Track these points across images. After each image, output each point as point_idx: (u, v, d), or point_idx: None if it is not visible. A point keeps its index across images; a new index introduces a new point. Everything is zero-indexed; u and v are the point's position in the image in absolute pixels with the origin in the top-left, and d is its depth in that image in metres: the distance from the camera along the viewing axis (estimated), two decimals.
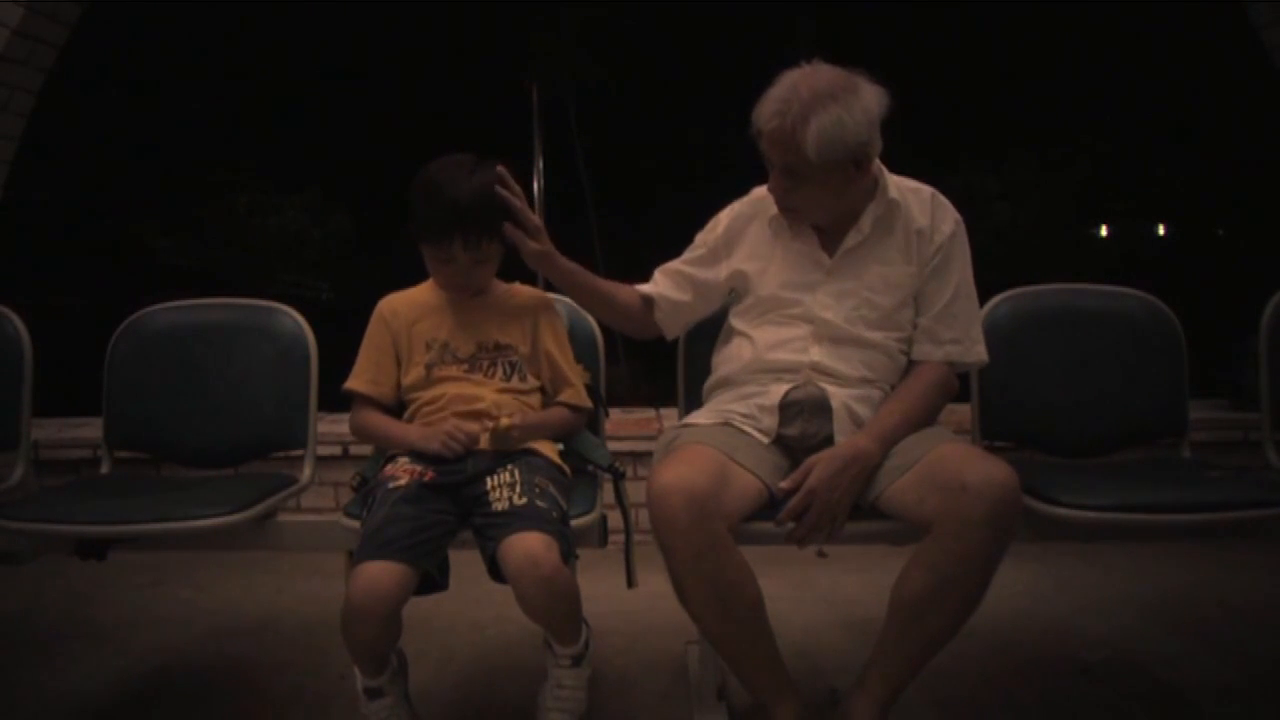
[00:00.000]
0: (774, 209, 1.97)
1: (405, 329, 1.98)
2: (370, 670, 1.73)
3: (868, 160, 1.85)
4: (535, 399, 2.00)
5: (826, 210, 1.91)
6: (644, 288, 2.07)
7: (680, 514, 1.64)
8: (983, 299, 2.25)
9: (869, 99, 1.80)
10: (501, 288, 2.03)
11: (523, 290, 2.05)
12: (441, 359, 1.95)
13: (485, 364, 1.95)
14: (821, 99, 1.77)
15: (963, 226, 1.98)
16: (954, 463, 1.70)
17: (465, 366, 1.95)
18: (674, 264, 2.08)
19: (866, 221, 1.93)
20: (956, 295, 1.95)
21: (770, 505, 1.80)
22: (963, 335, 1.95)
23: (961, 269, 1.96)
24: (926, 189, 1.99)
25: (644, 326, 2.08)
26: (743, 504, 1.75)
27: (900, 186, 1.96)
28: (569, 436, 2.03)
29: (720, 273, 2.03)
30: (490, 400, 1.92)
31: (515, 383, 1.96)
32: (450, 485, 1.80)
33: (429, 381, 1.95)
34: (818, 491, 1.75)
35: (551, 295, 2.11)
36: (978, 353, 1.98)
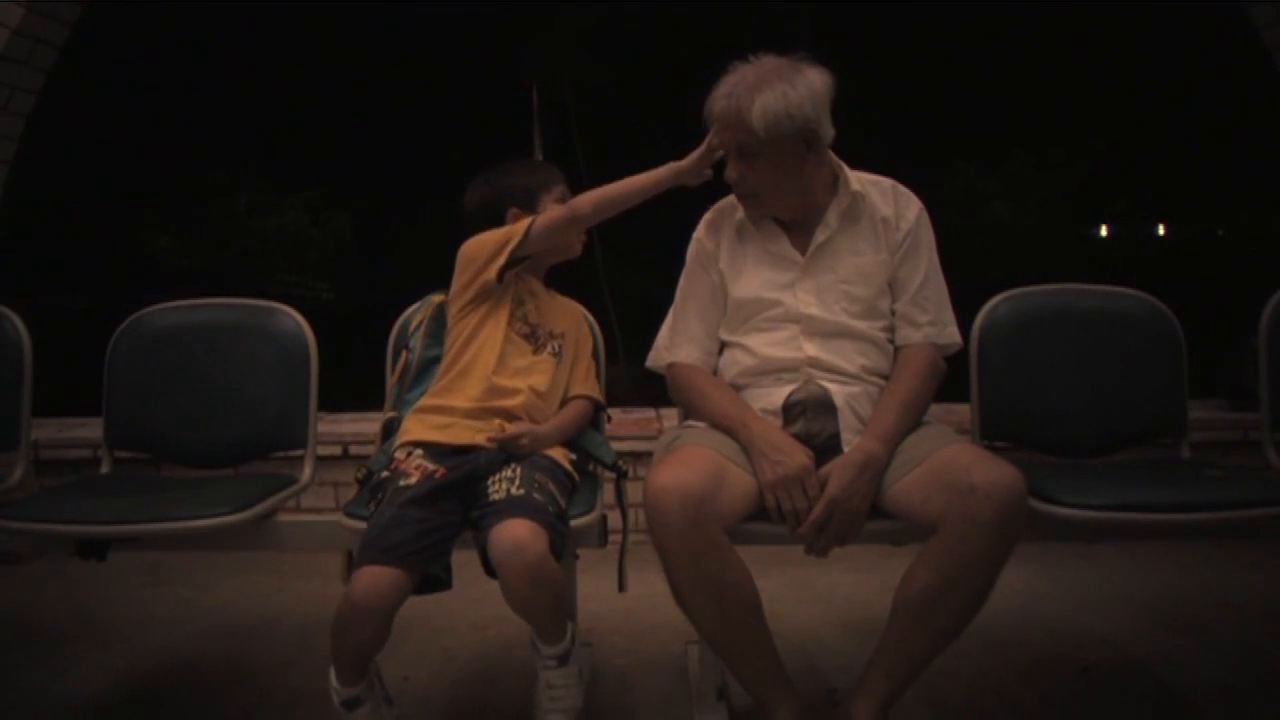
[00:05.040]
0: (738, 214, 1.99)
1: (518, 279, 2.03)
2: (351, 677, 1.71)
3: (818, 141, 1.88)
4: (558, 396, 2.03)
5: (784, 194, 1.93)
6: (693, 360, 2.02)
7: (675, 516, 1.64)
8: (982, 299, 2.27)
9: (812, 77, 1.86)
10: (552, 292, 2.16)
11: (562, 297, 2.18)
12: (534, 336, 2.02)
13: (550, 347, 2.04)
14: (766, 79, 1.84)
15: (925, 214, 2.01)
16: (961, 464, 1.70)
17: (533, 346, 2.02)
18: (694, 325, 2.03)
19: (833, 215, 1.95)
20: (927, 279, 1.98)
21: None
22: (937, 317, 1.98)
23: (929, 254, 2.00)
24: (886, 180, 2.02)
25: None
26: (741, 505, 1.75)
27: (860, 179, 1.99)
28: (581, 430, 2.05)
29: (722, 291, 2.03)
30: (522, 400, 1.94)
31: (558, 364, 2.03)
32: (460, 481, 1.81)
33: (497, 336, 1.97)
34: (839, 500, 1.75)
35: None
36: (950, 334, 2.00)
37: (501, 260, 1.95)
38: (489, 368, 1.94)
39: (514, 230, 1.96)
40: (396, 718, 1.85)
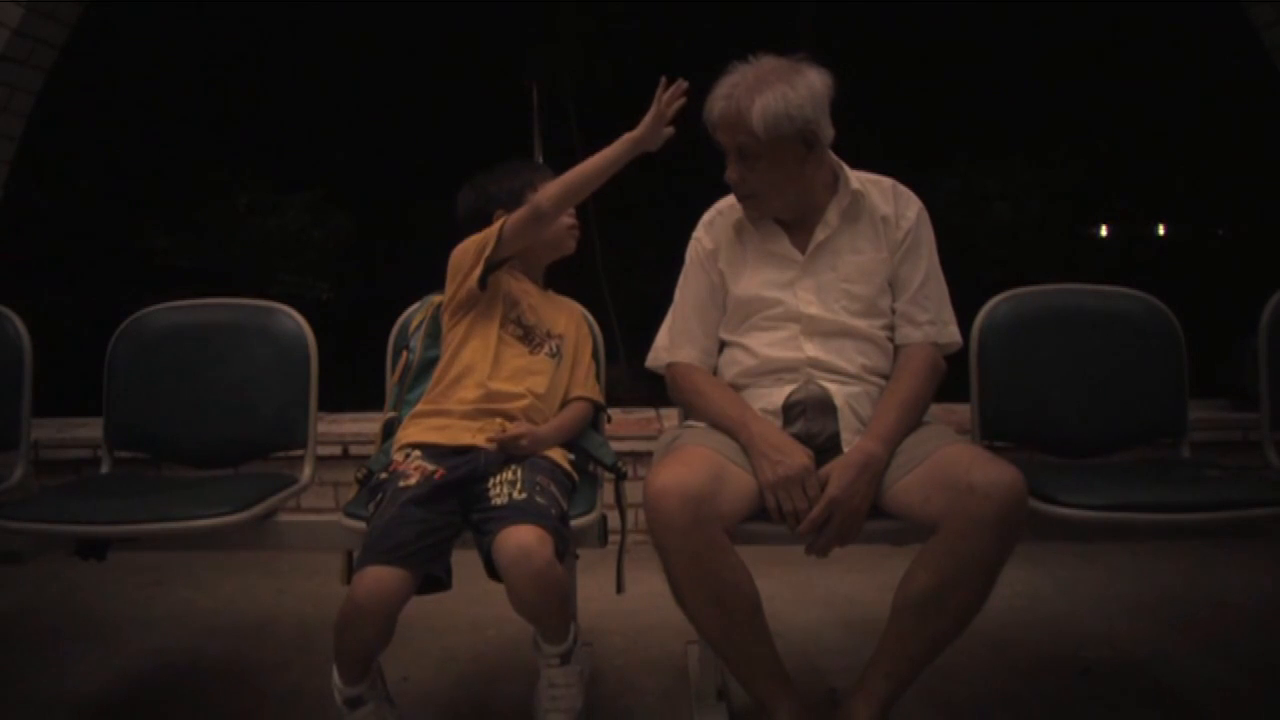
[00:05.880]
0: (738, 214, 1.99)
1: (508, 277, 2.04)
2: (354, 676, 1.72)
3: (818, 141, 1.88)
4: (558, 398, 2.03)
5: (784, 195, 1.93)
6: (692, 360, 2.02)
7: (676, 515, 1.65)
8: (982, 299, 2.27)
9: (812, 78, 1.86)
10: (550, 293, 2.16)
11: (561, 297, 2.18)
12: (529, 337, 2.02)
13: (546, 347, 2.04)
14: (766, 79, 1.84)
15: (925, 213, 2.01)
16: (961, 463, 1.70)
17: (528, 347, 2.02)
18: (694, 326, 2.03)
19: (833, 214, 1.95)
20: (927, 278, 1.98)
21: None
22: (937, 316, 1.98)
23: (929, 252, 2.00)
24: (886, 180, 2.03)
25: None
26: (741, 505, 1.75)
27: (860, 179, 1.99)
28: (581, 431, 2.05)
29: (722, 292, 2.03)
30: (523, 405, 1.95)
31: (556, 364, 2.04)
32: (459, 481, 1.81)
33: (489, 340, 1.97)
34: (839, 500, 1.75)
35: None
36: (951, 333, 2.00)
37: (480, 267, 1.95)
38: (484, 373, 1.95)
39: (488, 235, 1.96)
40: (399, 718, 1.85)
